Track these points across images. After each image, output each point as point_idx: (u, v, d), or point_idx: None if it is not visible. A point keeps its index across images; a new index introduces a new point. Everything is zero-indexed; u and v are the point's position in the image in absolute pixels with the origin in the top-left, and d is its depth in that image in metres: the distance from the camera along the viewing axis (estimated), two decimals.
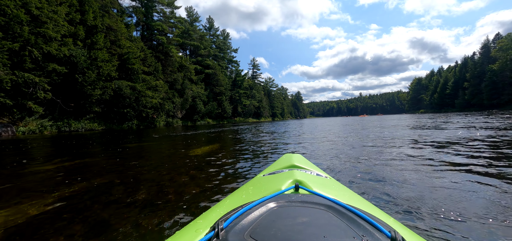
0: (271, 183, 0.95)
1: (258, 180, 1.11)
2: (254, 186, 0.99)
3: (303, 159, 1.56)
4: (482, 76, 54.91)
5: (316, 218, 0.58)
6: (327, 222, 0.56)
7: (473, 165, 2.58)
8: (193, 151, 4.45)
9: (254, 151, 4.37)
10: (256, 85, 65.63)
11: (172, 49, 31.13)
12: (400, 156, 3.31)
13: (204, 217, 0.74)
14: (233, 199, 0.86)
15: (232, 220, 0.59)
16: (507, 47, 48.59)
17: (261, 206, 0.66)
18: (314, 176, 1.06)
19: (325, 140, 6.14)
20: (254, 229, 0.54)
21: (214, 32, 51.54)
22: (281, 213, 0.62)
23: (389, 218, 0.72)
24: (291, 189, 0.83)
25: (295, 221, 0.56)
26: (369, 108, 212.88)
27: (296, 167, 1.31)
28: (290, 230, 0.53)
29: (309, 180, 0.93)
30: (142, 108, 24.08)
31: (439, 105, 73.76)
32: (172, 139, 7.31)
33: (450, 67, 79.67)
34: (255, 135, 8.66)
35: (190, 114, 36.18)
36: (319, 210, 0.63)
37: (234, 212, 0.65)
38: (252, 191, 0.91)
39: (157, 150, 5.06)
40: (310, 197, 0.71)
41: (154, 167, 3.13)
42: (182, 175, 2.58)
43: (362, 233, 0.52)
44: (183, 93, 33.93)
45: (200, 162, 3.33)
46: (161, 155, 4.28)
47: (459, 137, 5.14)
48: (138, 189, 2.13)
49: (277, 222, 0.56)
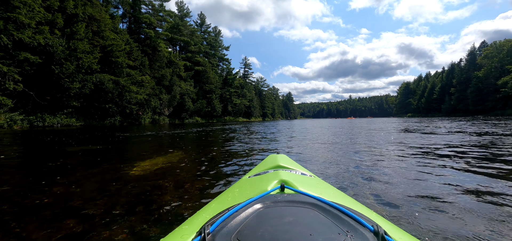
0: (257, 184, 0.95)
1: (243, 182, 1.09)
2: (240, 188, 0.98)
3: (288, 159, 1.56)
4: (468, 83, 56.72)
5: (302, 217, 0.59)
6: (313, 220, 0.57)
7: (451, 166, 2.74)
8: (146, 163, 3.12)
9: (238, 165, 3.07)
10: (247, 85, 65.01)
11: (160, 44, 30.00)
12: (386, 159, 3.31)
13: (190, 222, 0.73)
14: (219, 202, 0.85)
15: (219, 223, 0.59)
16: (492, 55, 50.40)
17: (248, 207, 0.66)
18: (299, 176, 1.07)
19: (318, 146, 5.66)
20: (241, 231, 0.55)
21: (205, 29, 50.49)
22: (268, 213, 0.62)
23: (372, 213, 0.75)
24: (277, 189, 0.84)
25: (282, 221, 0.57)
26: (358, 110, 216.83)
27: (281, 167, 1.31)
28: (277, 230, 0.53)
29: (294, 179, 0.94)
30: (126, 104, 22.95)
31: (426, 109, 75.81)
32: (142, 141, 6.58)
33: (437, 73, 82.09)
34: (244, 138, 8.08)
35: (178, 112, 35.12)
36: (305, 208, 0.64)
37: (220, 215, 0.64)
38: (238, 193, 0.90)
39: (104, 160, 3.44)
40: (296, 196, 0.72)
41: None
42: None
43: (346, 229, 0.54)
44: (171, 90, 32.86)
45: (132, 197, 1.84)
46: (94, 176, 2.49)
47: (444, 141, 4.86)
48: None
49: (263, 223, 0.57)
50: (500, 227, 1.28)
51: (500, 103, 47.62)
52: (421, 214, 1.45)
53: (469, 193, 1.80)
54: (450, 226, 1.30)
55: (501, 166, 2.64)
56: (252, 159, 3.42)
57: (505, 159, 3.01)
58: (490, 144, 4.44)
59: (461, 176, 2.30)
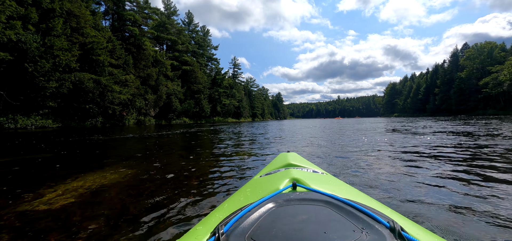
0: (269, 183, 0.95)
1: (255, 182, 1.09)
2: (252, 187, 0.98)
3: (298, 157, 1.56)
4: (451, 83, 58.77)
5: (316, 215, 0.59)
6: (327, 218, 0.57)
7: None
8: (76, 184, 2.22)
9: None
10: (237, 85, 64.48)
11: (145, 42, 29.02)
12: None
13: (204, 223, 0.73)
14: (232, 202, 0.85)
15: (232, 223, 0.59)
16: (473, 57, 52.48)
17: (260, 207, 0.65)
18: (311, 173, 1.07)
19: (309, 146, 5.40)
20: (255, 231, 0.55)
21: (193, 28, 49.56)
22: (281, 212, 0.62)
23: (387, 209, 0.73)
24: (288, 188, 0.83)
25: (295, 219, 0.57)
26: (346, 111, 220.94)
27: (292, 166, 1.31)
28: (291, 228, 0.53)
29: (306, 177, 0.94)
30: (108, 105, 21.95)
31: (412, 109, 78.03)
32: (111, 147, 5.98)
33: (422, 74, 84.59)
34: (230, 143, 7.69)
35: (164, 113, 34.15)
36: (318, 206, 0.64)
37: (234, 215, 0.64)
38: (250, 193, 0.90)
39: (15, 181, 2.39)
40: (308, 194, 0.72)
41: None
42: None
43: (361, 226, 0.53)
44: (157, 90, 31.89)
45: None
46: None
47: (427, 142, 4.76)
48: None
49: (277, 222, 0.57)
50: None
51: (482, 103, 49.65)
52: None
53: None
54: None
55: (472, 164, 2.75)
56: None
57: (476, 158, 3.12)
58: (461, 143, 4.64)
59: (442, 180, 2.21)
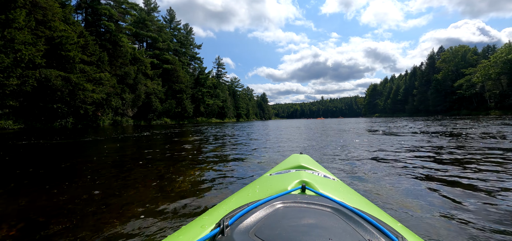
0: (278, 183, 0.95)
1: (264, 179, 1.09)
2: (261, 185, 0.98)
3: (310, 160, 1.56)
4: (428, 85, 61.58)
5: (322, 220, 0.57)
6: (333, 225, 0.56)
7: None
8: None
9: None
10: (221, 85, 63.52)
11: (122, 39, 27.52)
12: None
13: (210, 213, 0.74)
14: (239, 197, 0.85)
15: (238, 217, 0.59)
16: (448, 60, 55.36)
17: (267, 205, 0.65)
18: (321, 178, 1.06)
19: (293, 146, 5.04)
20: (259, 227, 0.54)
21: (175, 26, 48.05)
22: (287, 213, 0.61)
23: (396, 223, 0.71)
24: (297, 190, 0.83)
25: (301, 222, 0.56)
26: (329, 111, 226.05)
27: (303, 168, 1.31)
28: (295, 230, 0.52)
29: (316, 181, 0.93)
30: (79, 104, 20.46)
31: (392, 110, 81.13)
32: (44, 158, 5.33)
33: (401, 75, 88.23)
34: (206, 149, 7.15)
35: (144, 113, 32.68)
36: (325, 212, 0.63)
37: (240, 210, 0.65)
38: (259, 190, 0.91)
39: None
40: (317, 199, 0.71)
41: None
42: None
43: (368, 237, 0.52)
44: (136, 89, 30.43)
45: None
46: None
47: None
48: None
49: (282, 222, 0.56)
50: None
51: (456, 104, 52.48)
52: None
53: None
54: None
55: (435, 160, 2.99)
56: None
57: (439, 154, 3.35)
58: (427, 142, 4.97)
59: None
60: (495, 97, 42.53)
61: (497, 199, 1.64)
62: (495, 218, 1.37)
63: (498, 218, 1.37)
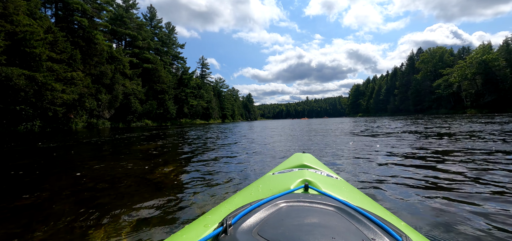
0: (281, 182, 0.95)
1: (267, 178, 1.09)
2: (264, 184, 0.98)
3: (313, 159, 1.56)
4: (409, 85, 63.81)
5: (325, 219, 0.57)
6: (336, 224, 0.56)
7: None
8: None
9: None
10: (205, 85, 62.17)
11: (97, 36, 25.81)
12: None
13: (213, 212, 0.74)
14: (242, 196, 0.85)
15: (241, 216, 0.59)
16: (427, 60, 57.66)
17: (270, 204, 0.65)
18: (324, 176, 1.06)
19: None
20: (262, 227, 0.54)
21: (156, 24, 46.25)
22: (290, 212, 0.61)
23: (400, 222, 0.71)
24: (300, 189, 0.83)
25: (304, 221, 0.56)
26: (314, 111, 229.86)
27: (306, 167, 1.30)
28: (298, 230, 0.52)
29: (319, 180, 0.93)
30: (47, 106, 18.79)
31: (374, 110, 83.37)
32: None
33: (382, 76, 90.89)
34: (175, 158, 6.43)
35: (122, 115, 30.96)
36: (329, 211, 0.63)
37: (243, 209, 0.64)
38: (262, 189, 0.91)
39: None
40: (320, 198, 0.71)
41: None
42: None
43: (372, 236, 0.52)
44: (113, 89, 28.73)
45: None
46: None
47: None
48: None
49: (285, 221, 0.56)
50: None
51: (435, 104, 54.75)
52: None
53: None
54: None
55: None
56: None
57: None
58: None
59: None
60: (470, 97, 44.78)
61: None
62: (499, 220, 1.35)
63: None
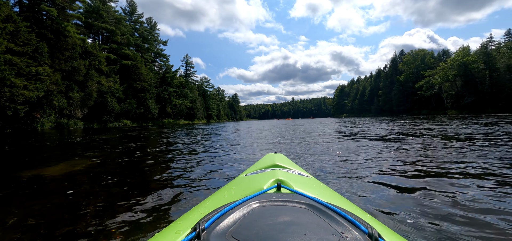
0: (254, 183, 0.95)
1: (240, 180, 1.09)
2: (237, 185, 0.99)
3: (285, 158, 1.57)
4: (392, 86, 65.35)
5: (298, 217, 0.59)
6: (308, 220, 0.57)
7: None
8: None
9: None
10: (190, 84, 60.27)
11: (68, 28, 23.70)
12: None
13: (185, 218, 0.73)
14: (215, 199, 0.85)
15: (214, 220, 0.58)
16: (409, 62, 59.35)
17: (243, 205, 0.66)
18: (296, 175, 1.07)
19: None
20: (236, 229, 0.55)
21: (136, 19, 43.95)
22: (263, 212, 0.62)
23: (366, 215, 0.75)
24: (273, 188, 0.84)
25: (277, 220, 0.57)
26: (300, 111, 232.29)
27: (278, 166, 1.31)
28: (272, 229, 0.53)
29: (291, 179, 0.94)
30: (6, 104, 16.75)
31: (359, 110, 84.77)
32: None
33: (366, 77, 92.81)
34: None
35: (98, 114, 28.82)
36: (301, 208, 0.64)
37: (216, 212, 0.64)
38: (235, 191, 0.91)
39: None
40: (292, 196, 0.72)
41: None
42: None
43: (341, 230, 0.54)
44: (87, 87, 26.61)
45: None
46: None
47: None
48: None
49: (259, 222, 0.57)
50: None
51: (417, 104, 56.38)
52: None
53: None
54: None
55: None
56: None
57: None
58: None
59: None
60: (451, 98, 46.46)
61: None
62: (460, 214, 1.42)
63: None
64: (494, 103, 38.25)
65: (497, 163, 2.64)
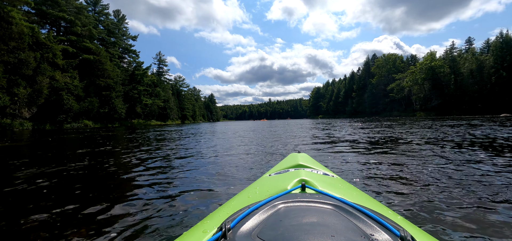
0: (278, 183, 0.95)
1: (264, 180, 1.09)
2: (261, 186, 0.99)
3: (309, 158, 1.56)
4: (365, 88, 68.01)
5: (324, 218, 0.58)
6: (335, 222, 0.56)
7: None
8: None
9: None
10: (162, 83, 57.14)
11: (11, 13, 20.50)
12: None
13: (211, 217, 0.74)
14: (240, 199, 0.85)
15: (239, 220, 0.58)
16: (381, 66, 62.21)
17: (268, 205, 0.65)
18: (321, 175, 1.06)
19: None
20: (261, 229, 0.54)
21: (101, 10, 40.24)
22: (288, 212, 0.61)
23: (397, 216, 0.73)
24: (297, 189, 0.83)
25: (302, 221, 0.56)
26: (277, 113, 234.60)
27: (302, 166, 1.30)
28: (298, 229, 0.52)
29: (315, 179, 0.93)
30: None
31: (334, 111, 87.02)
32: None
33: (340, 79, 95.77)
34: None
35: (51, 114, 25.49)
36: (326, 209, 0.63)
37: (241, 212, 0.64)
38: (259, 191, 0.90)
39: None
40: (317, 197, 0.71)
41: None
42: None
43: (370, 232, 0.52)
44: (36, 82, 23.35)
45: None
46: None
47: None
48: None
49: (284, 222, 0.56)
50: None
51: (389, 106, 59.21)
52: None
53: None
54: None
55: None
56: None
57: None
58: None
59: None
60: (420, 100, 49.32)
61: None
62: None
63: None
64: (459, 106, 41.28)
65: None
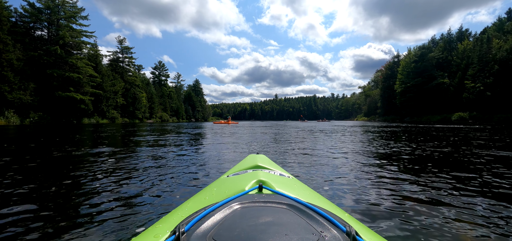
0: (235, 184, 0.95)
1: (222, 181, 1.09)
2: (218, 187, 0.98)
3: (267, 159, 1.58)
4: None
5: (279, 217, 0.59)
6: (289, 221, 0.58)
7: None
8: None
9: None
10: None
11: None
12: None
13: (164, 221, 0.71)
14: (196, 201, 0.84)
15: (194, 222, 0.57)
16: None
17: (225, 207, 0.65)
18: (277, 176, 1.08)
19: None
20: (217, 231, 0.54)
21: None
22: (245, 213, 0.62)
23: (344, 214, 0.78)
24: (255, 189, 0.84)
25: (258, 221, 0.57)
26: (285, 112, 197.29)
27: (260, 167, 1.32)
28: (253, 230, 0.53)
29: (272, 180, 0.95)
30: None
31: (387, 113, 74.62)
32: None
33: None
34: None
35: None
36: (281, 209, 0.65)
37: (196, 214, 0.63)
38: (216, 192, 0.90)
39: None
40: (273, 197, 0.72)
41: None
42: None
43: (320, 229, 0.54)
44: None
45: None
46: None
47: None
48: None
49: (240, 223, 0.56)
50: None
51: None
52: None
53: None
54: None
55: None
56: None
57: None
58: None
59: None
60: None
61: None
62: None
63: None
64: None
65: None
